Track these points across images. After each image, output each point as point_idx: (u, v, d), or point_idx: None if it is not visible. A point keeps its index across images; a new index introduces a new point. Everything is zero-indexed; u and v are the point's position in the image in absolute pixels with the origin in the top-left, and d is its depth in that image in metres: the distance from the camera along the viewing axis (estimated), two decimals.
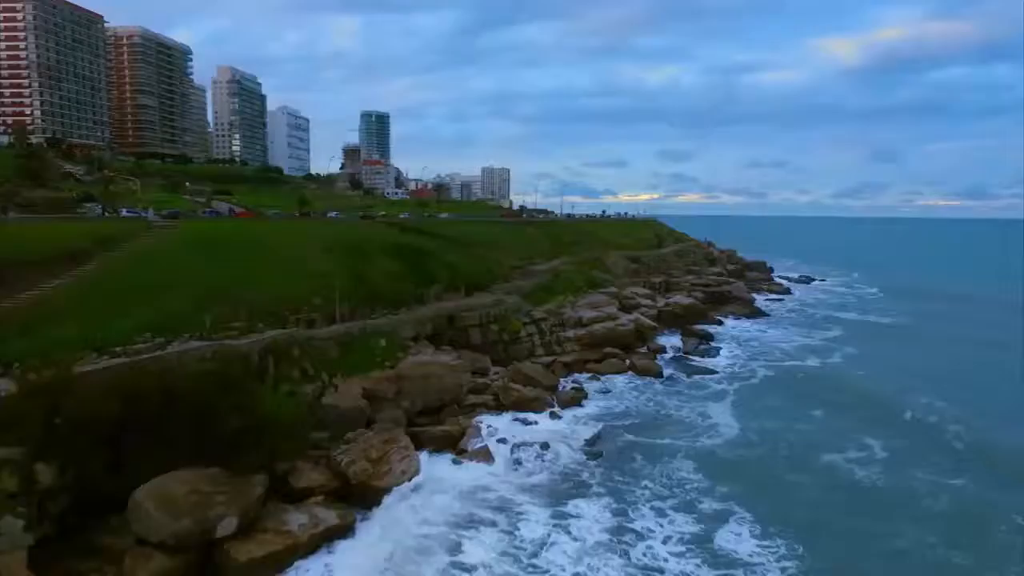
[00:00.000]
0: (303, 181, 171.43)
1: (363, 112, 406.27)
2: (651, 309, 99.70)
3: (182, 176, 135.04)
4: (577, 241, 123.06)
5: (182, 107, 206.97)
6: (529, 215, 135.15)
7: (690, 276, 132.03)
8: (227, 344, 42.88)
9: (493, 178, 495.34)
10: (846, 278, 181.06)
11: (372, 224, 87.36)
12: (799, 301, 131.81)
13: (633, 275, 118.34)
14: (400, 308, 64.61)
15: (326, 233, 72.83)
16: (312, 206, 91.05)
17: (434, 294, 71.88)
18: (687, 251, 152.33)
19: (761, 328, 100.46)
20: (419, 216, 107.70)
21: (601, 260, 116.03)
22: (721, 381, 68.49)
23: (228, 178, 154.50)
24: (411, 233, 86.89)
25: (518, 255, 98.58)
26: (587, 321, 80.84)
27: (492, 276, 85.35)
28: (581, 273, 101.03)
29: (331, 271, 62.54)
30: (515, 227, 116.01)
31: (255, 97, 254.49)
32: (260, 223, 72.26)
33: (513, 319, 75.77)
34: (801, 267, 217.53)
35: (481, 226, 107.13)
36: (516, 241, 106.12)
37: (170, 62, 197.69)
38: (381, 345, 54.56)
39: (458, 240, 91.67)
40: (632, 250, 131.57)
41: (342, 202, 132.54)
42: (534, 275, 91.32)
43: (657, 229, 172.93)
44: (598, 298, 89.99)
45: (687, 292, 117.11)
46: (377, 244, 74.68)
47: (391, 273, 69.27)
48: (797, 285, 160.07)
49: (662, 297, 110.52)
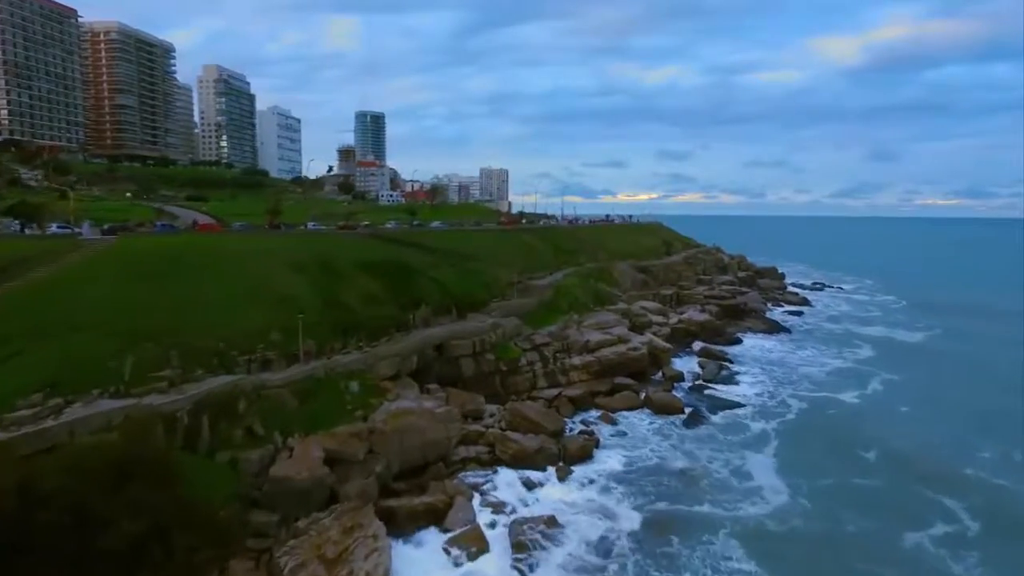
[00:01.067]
0: (289, 185, 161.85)
1: (358, 112, 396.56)
2: (663, 327, 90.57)
3: (156, 180, 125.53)
4: (580, 249, 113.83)
5: (165, 107, 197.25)
6: (529, 220, 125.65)
7: (702, 287, 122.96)
8: (145, 404, 33.57)
9: (491, 179, 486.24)
10: (860, 285, 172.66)
11: (352, 236, 77.95)
12: (818, 314, 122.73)
13: (642, 287, 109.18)
14: (380, 338, 55.34)
15: (298, 248, 63.52)
16: (285, 216, 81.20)
17: (421, 318, 62.61)
18: (697, 258, 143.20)
19: (784, 347, 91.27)
20: (408, 224, 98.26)
21: (607, 271, 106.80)
22: (753, 419, 59.39)
23: (208, 182, 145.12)
24: (396, 246, 77.58)
25: (517, 267, 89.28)
26: (595, 345, 71.60)
27: (488, 293, 76.07)
28: (586, 287, 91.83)
29: (298, 295, 53.26)
30: (513, 235, 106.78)
31: (243, 96, 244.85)
32: (222, 238, 62.92)
33: (511, 345, 66.57)
34: (812, 272, 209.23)
35: (476, 235, 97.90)
36: (514, 251, 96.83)
37: (151, 60, 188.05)
38: (352, 390, 45.25)
39: (450, 252, 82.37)
40: (639, 258, 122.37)
41: (328, 208, 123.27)
42: (535, 291, 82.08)
43: (664, 234, 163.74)
44: (606, 317, 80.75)
45: (700, 305, 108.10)
46: (356, 260, 65.38)
47: (370, 295, 59.94)
48: (812, 294, 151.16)
49: (674, 312, 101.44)
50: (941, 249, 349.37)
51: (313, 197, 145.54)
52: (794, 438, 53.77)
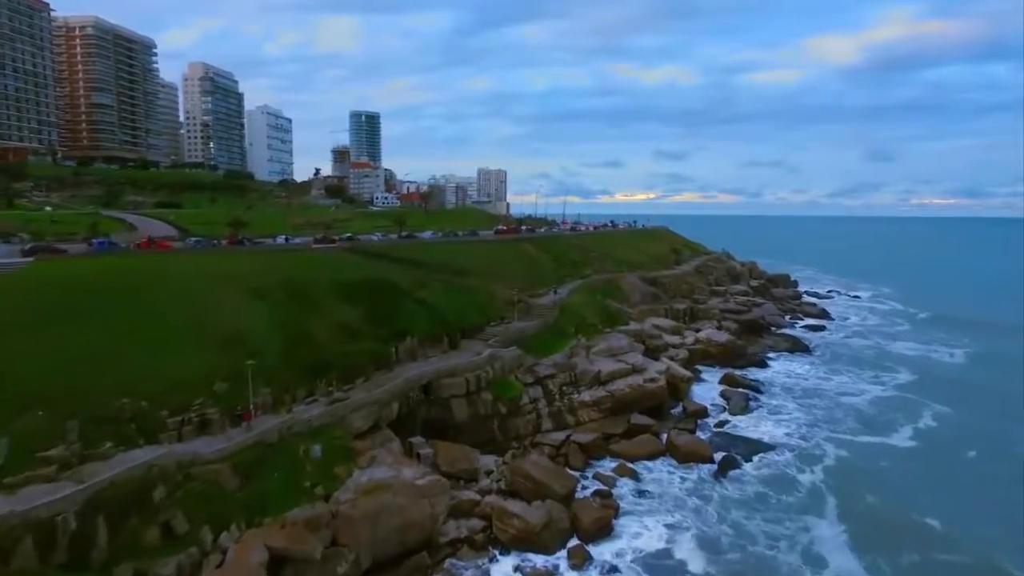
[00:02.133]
0: (275, 188, 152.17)
1: (352, 112, 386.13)
2: (680, 348, 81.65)
3: (127, 185, 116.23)
4: (585, 260, 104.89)
5: (146, 106, 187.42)
6: (529, 227, 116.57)
7: (716, 298, 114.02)
8: (11, 511, 24.48)
9: (490, 180, 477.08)
10: (876, 293, 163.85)
11: (330, 251, 68.79)
12: (842, 328, 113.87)
13: (652, 301, 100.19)
14: (356, 379, 46.32)
15: (262, 269, 54.42)
16: (257, 226, 71.41)
17: (406, 351, 53.57)
18: (708, 267, 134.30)
19: (815, 371, 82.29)
20: (396, 235, 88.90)
21: (615, 283, 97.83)
22: (797, 468, 50.63)
23: (186, 185, 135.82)
24: (381, 261, 68.58)
25: (517, 282, 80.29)
26: (607, 377, 62.67)
27: (484, 316, 67.09)
28: (593, 303, 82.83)
29: (255, 331, 44.25)
30: (512, 245, 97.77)
31: (231, 95, 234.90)
32: (170, 258, 53.65)
33: (512, 380, 57.59)
34: (822, 278, 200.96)
35: (471, 246, 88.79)
36: (514, 264, 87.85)
37: (131, 56, 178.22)
38: (314, 456, 36.19)
39: (441, 267, 73.38)
40: (648, 269, 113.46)
41: (313, 215, 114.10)
42: (537, 311, 73.12)
43: (671, 239, 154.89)
44: (617, 341, 71.74)
45: (717, 322, 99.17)
46: (331, 282, 56.34)
47: (346, 326, 50.90)
48: (829, 304, 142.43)
49: (689, 330, 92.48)
50: (947, 251, 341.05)
51: (299, 202, 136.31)
52: (853, 497, 44.87)
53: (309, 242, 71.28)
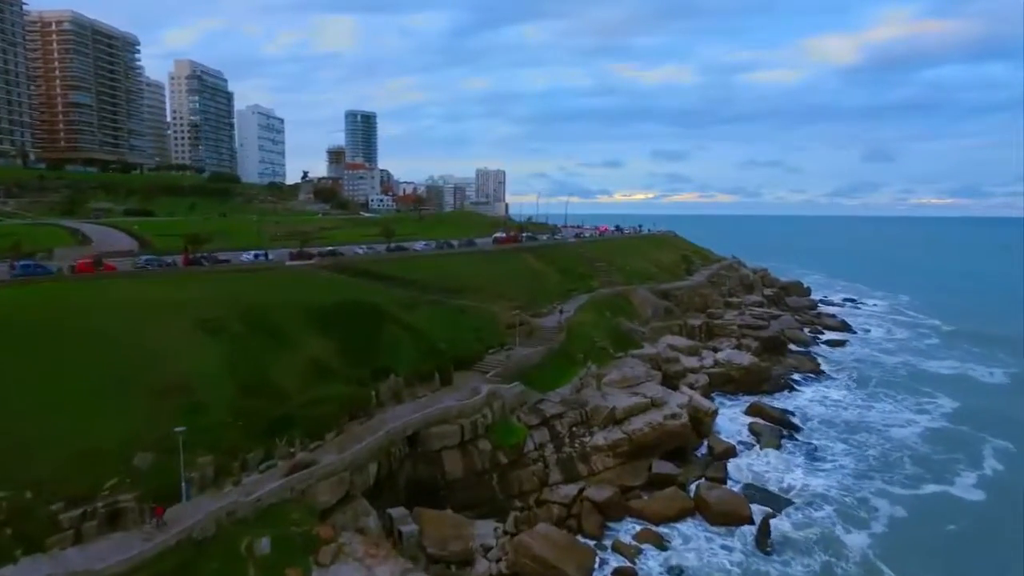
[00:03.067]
0: (261, 192, 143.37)
1: (348, 112, 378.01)
2: (699, 373, 73.57)
3: (99, 189, 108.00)
4: (591, 272, 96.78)
5: (128, 106, 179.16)
6: (531, 233, 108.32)
7: (731, 312, 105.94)
8: None
9: (488, 180, 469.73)
10: (894, 301, 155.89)
11: (306, 269, 60.52)
12: (867, 343, 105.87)
13: (665, 316, 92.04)
14: (326, 433, 38.16)
15: (220, 295, 46.20)
16: (220, 241, 62.62)
17: (389, 392, 45.41)
18: (720, 276, 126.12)
19: (850, 396, 74.28)
20: (385, 246, 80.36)
21: (625, 298, 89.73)
22: (854, 530, 42.61)
23: (165, 189, 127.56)
24: (364, 280, 60.42)
25: (519, 299, 72.32)
26: (623, 414, 54.53)
27: (482, 343, 58.94)
28: (602, 323, 74.71)
29: (201, 378, 36.09)
30: (513, 256, 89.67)
31: (220, 94, 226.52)
32: (109, 284, 45.21)
33: (514, 422, 49.54)
34: (833, 283, 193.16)
35: (467, 260, 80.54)
36: (515, 278, 79.74)
37: (111, 53, 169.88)
38: (261, 551, 27.99)
39: (434, 286, 65.28)
40: (658, 280, 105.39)
41: (298, 222, 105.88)
42: (541, 334, 64.99)
43: (680, 246, 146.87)
44: (632, 368, 63.66)
45: (737, 339, 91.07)
46: (304, 308, 48.18)
47: (317, 365, 42.75)
48: (846, 313, 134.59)
49: (707, 349, 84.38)
50: (953, 252, 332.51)
51: (285, 207, 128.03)
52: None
53: (285, 257, 62.87)
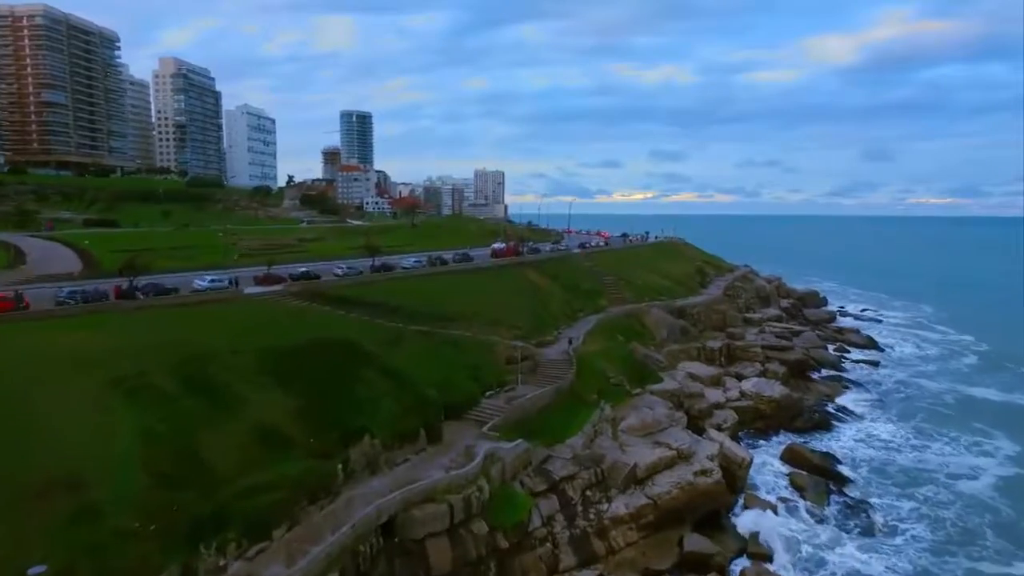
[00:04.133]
0: (243, 198, 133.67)
1: (343, 112, 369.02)
2: (725, 409, 64.71)
3: (58, 196, 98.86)
4: (599, 288, 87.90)
5: (107, 106, 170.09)
6: (530, 248, 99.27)
7: (751, 329, 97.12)
8: None
9: (487, 181, 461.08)
10: (916, 313, 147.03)
11: (271, 297, 51.49)
12: (901, 364, 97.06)
13: (681, 337, 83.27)
14: (274, 528, 29.31)
15: (148, 340, 37.25)
16: (151, 266, 51.49)
17: (362, 459, 36.51)
18: (736, 288, 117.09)
19: (897, 432, 65.43)
20: (369, 264, 70.87)
21: (637, 318, 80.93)
22: None
23: (140, 195, 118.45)
24: (340, 308, 51.46)
25: (520, 325, 63.57)
26: (645, 472, 45.79)
27: (478, 383, 50.13)
28: (615, 351, 65.86)
29: (102, 463, 27.22)
30: (513, 272, 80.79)
31: (206, 94, 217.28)
32: (13, 326, 36.29)
33: (516, 492, 40.69)
34: (847, 291, 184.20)
35: (462, 279, 71.43)
36: (516, 299, 70.86)
37: (88, 50, 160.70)
38: None
39: (423, 312, 56.40)
40: (672, 295, 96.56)
41: (278, 233, 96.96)
42: (547, 369, 56.17)
43: (691, 255, 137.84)
44: (650, 409, 54.88)
45: (761, 363, 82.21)
46: (258, 353, 39.32)
47: (266, 433, 33.83)
48: (870, 327, 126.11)
49: (730, 376, 75.54)
50: (960, 254, 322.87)
51: (267, 214, 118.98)
52: None
53: (249, 283, 53.63)
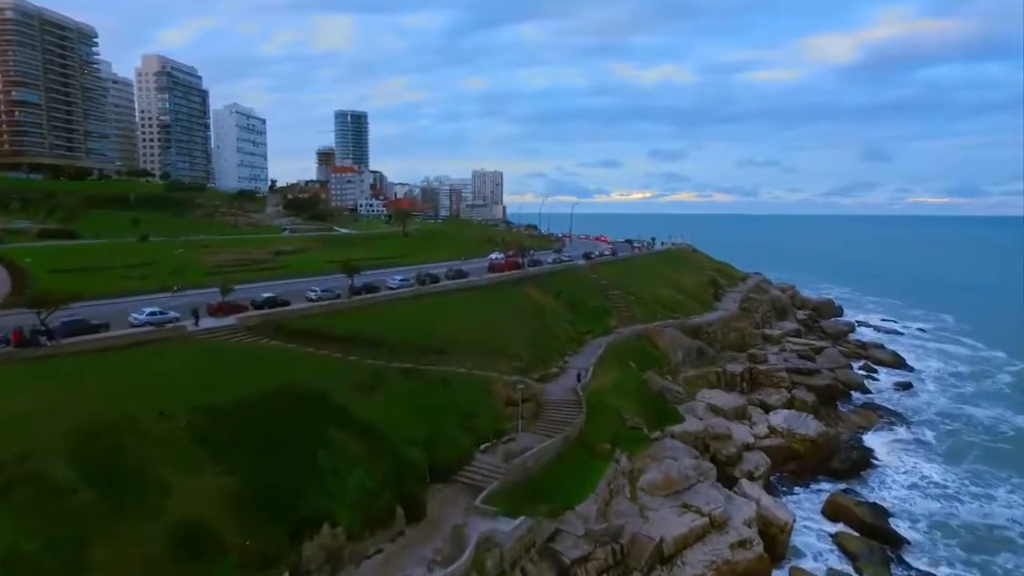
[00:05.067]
0: (222, 205, 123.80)
1: (337, 112, 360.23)
2: (755, 450, 56.61)
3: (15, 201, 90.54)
4: (607, 306, 79.82)
5: (85, 105, 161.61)
6: (531, 260, 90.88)
7: (772, 348, 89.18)
8: None
9: (485, 182, 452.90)
10: (939, 324, 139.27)
11: (223, 333, 43.28)
12: (934, 384, 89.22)
13: (698, 360, 75.25)
14: None
15: (46, 406, 29.14)
16: (84, 292, 41.88)
17: (319, 557, 28.31)
18: (751, 300, 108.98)
19: (949, 475, 57.38)
20: (349, 283, 62.15)
21: (651, 340, 72.90)
22: None
23: (111, 200, 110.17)
24: (309, 343, 43.22)
25: (521, 354, 55.49)
26: (674, 547, 37.76)
27: (472, 433, 42.01)
28: (629, 383, 57.71)
29: None
30: (512, 290, 72.67)
31: (192, 92, 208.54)
32: None
33: None
34: (862, 300, 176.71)
35: (455, 300, 63.09)
36: (515, 323, 62.65)
37: (63, 46, 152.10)
38: None
39: (408, 344, 48.23)
40: (685, 311, 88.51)
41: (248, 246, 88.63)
42: (551, 411, 48.07)
43: (701, 264, 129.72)
44: (674, 457, 46.83)
45: (787, 389, 74.12)
46: (192, 410, 31.08)
47: (190, 530, 25.61)
48: (893, 341, 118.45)
49: (755, 406, 67.44)
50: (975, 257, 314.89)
51: (247, 221, 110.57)
52: None
53: (202, 314, 45.10)
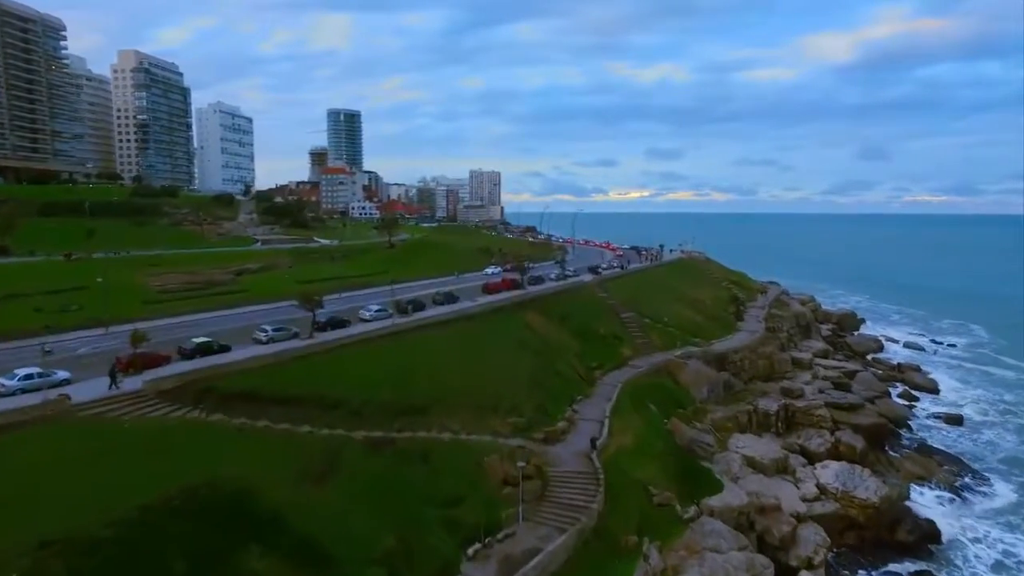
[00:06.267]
0: (189, 213, 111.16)
1: (330, 110, 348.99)
2: (807, 522, 46.42)
3: None
4: (618, 333, 69.48)
5: (52, 103, 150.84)
6: (532, 276, 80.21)
7: (803, 375, 78.98)
8: None
9: (482, 182, 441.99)
10: (973, 340, 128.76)
11: (117, 415, 32.81)
12: (990, 424, 78.46)
13: (726, 396, 65.15)
14: None
15: None
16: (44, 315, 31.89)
17: None
18: (775, 318, 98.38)
19: None
20: (311, 318, 50.62)
21: (671, 375, 62.71)
22: None
23: (63, 208, 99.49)
24: (244, 410, 32.78)
25: (520, 406, 45.22)
26: None
27: (457, 532, 31.68)
28: (652, 442, 47.44)
29: None
30: (510, 315, 62.26)
31: (173, 90, 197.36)
32: None
33: None
34: (879, 307, 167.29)
35: (440, 336, 52.03)
36: (513, 362, 52.20)
37: (25, 39, 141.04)
38: None
39: (377, 402, 37.85)
40: (706, 334, 78.27)
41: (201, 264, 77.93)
42: (559, 489, 37.74)
43: (716, 274, 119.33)
44: (717, 550, 36.57)
45: (829, 430, 63.74)
46: (40, 545, 20.60)
47: None
48: (923, 358, 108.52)
49: (795, 453, 57.14)
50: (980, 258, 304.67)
51: (214, 231, 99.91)
52: None
53: (108, 387, 34.10)
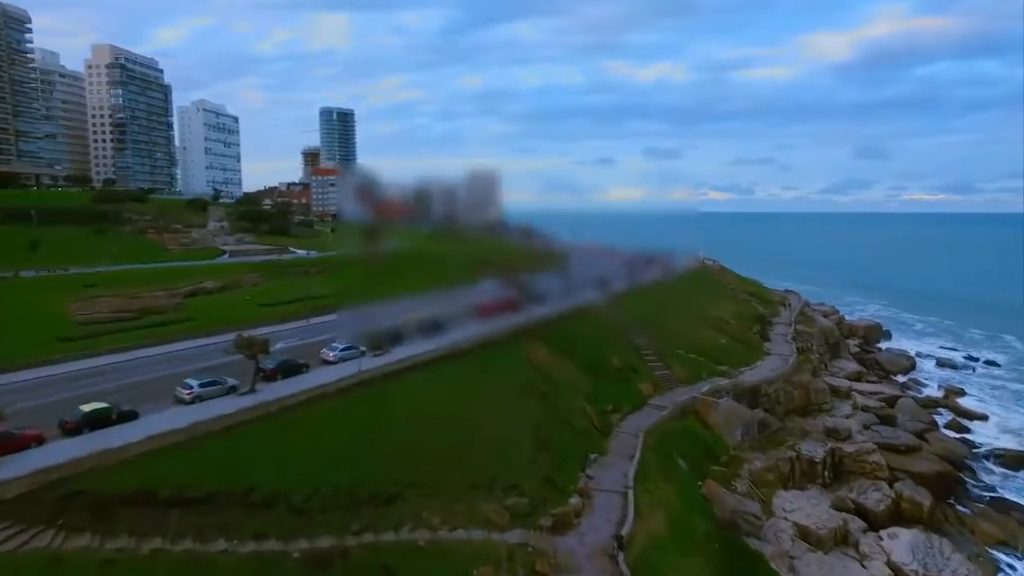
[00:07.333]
0: (151, 220, 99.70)
1: (322, 109, 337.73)
2: None
3: None
4: (635, 364, 59.41)
5: (14, 100, 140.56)
6: (534, 295, 69.97)
7: (843, 406, 69.18)
8: None
9: (481, 182, 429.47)
10: (1007, 351, 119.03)
11: None
12: None
13: (761, 438, 55.21)
14: None
15: None
16: None
17: None
18: (803, 337, 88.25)
19: None
20: (255, 366, 40.31)
21: (700, 416, 52.72)
22: None
23: (8, 217, 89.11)
24: (135, 521, 22.77)
25: (520, 478, 35.39)
26: None
27: None
28: (692, 526, 37.50)
29: None
30: (508, 348, 52.30)
31: (152, 87, 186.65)
32: None
33: None
34: (902, 315, 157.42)
35: (416, 385, 41.55)
36: (511, 415, 42.27)
37: None
38: None
39: (328, 497, 27.77)
40: (733, 360, 68.28)
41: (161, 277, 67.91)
42: None
43: (733, 285, 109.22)
44: None
45: (887, 481, 53.89)
46: None
47: None
48: (963, 378, 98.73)
49: (849, 511, 47.35)
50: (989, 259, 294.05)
51: (181, 242, 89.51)
52: None
53: None
